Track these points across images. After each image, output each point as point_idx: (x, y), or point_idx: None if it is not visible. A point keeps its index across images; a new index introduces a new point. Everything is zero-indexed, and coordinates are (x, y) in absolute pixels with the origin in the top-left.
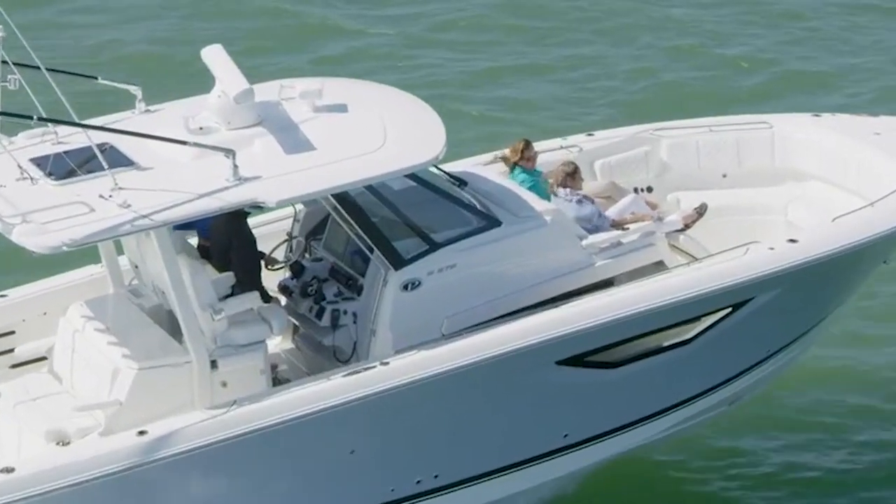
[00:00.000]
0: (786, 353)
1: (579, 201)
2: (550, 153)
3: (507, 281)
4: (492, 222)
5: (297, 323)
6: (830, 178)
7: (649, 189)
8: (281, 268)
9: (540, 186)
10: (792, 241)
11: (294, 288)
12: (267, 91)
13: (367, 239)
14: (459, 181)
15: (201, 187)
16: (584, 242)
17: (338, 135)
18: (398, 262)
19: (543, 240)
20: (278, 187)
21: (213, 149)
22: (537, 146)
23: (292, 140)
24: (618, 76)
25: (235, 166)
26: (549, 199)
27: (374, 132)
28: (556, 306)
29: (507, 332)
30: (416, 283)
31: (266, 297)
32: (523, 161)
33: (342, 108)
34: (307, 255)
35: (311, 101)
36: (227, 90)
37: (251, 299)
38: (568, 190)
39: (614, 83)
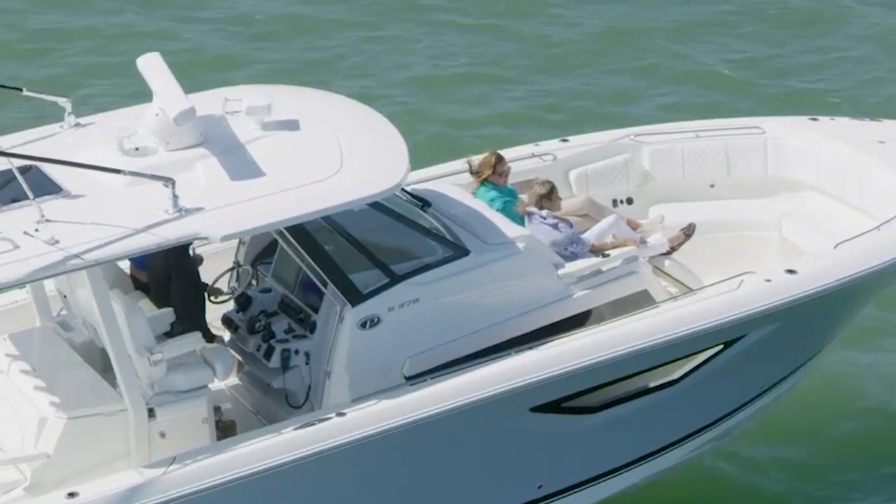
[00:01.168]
0: (781, 387)
1: (555, 224)
2: (521, 162)
3: (475, 316)
4: (459, 251)
5: (242, 361)
6: (829, 191)
7: (629, 201)
8: (226, 300)
9: (511, 206)
10: (790, 271)
11: (240, 323)
12: (209, 103)
13: (320, 271)
14: (422, 201)
15: (138, 220)
16: (560, 272)
17: (289, 157)
18: (355, 296)
19: (516, 270)
20: (223, 220)
21: (151, 178)
22: (506, 153)
23: (238, 164)
24: None
25: (175, 196)
26: (521, 220)
27: (329, 154)
28: (531, 345)
29: (477, 378)
30: (376, 320)
31: (209, 336)
32: (494, 176)
33: (293, 126)
34: (254, 283)
35: (258, 118)
36: (167, 108)
37: (193, 341)
38: (544, 211)
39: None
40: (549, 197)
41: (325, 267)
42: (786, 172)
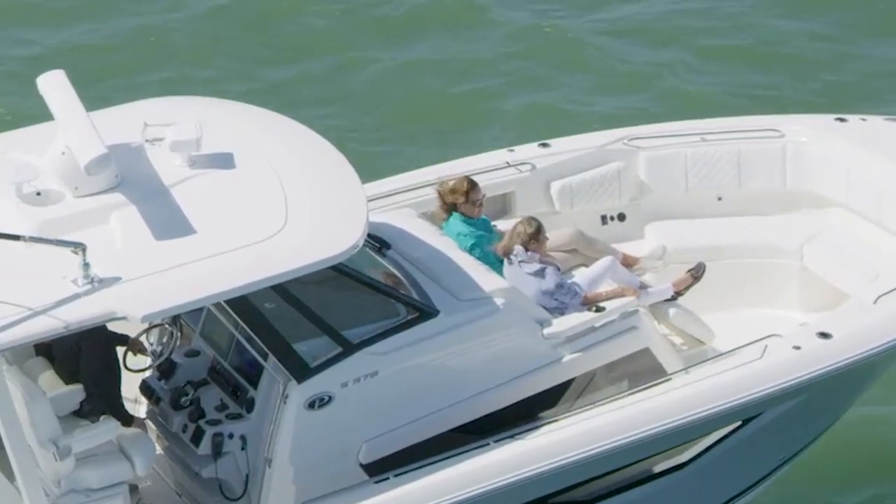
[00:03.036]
0: (803, 453)
1: (541, 270)
2: (492, 173)
3: (445, 390)
4: (425, 311)
5: (164, 437)
6: (861, 210)
7: (621, 217)
8: (146, 369)
9: (484, 243)
10: (823, 335)
11: (162, 394)
12: (124, 125)
13: (258, 341)
14: (379, 242)
15: (41, 294)
16: (545, 331)
17: (223, 208)
18: (301, 371)
19: (493, 332)
20: (146, 294)
21: (57, 244)
22: (473, 162)
23: (162, 216)
24: None
25: (86, 264)
26: (497, 261)
27: (271, 202)
28: (513, 433)
29: (450, 476)
30: (326, 398)
31: (126, 417)
32: (466, 206)
33: (227, 163)
34: (179, 335)
35: (186, 154)
36: (75, 150)
37: (107, 430)
38: (529, 254)
39: None
40: (535, 238)
41: (265, 336)
42: (808, 186)
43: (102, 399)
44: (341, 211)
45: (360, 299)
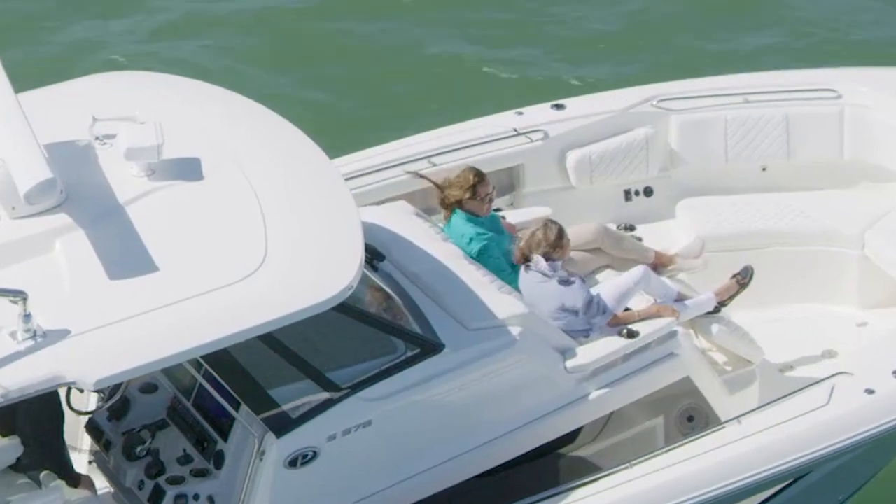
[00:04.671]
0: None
1: (565, 282)
2: (497, 143)
3: (450, 440)
4: (428, 346)
5: (111, 485)
6: None
7: (648, 192)
8: (95, 411)
9: (496, 246)
10: None
11: (113, 437)
12: (65, 115)
13: (228, 388)
14: (371, 253)
15: None
16: (569, 363)
17: (189, 235)
18: (281, 423)
19: (508, 369)
20: (98, 352)
21: None
22: (474, 128)
23: (117, 247)
24: None
25: (27, 316)
26: (509, 269)
27: (248, 228)
28: (534, 499)
29: None
30: (310, 454)
31: (72, 477)
32: (473, 203)
33: (194, 173)
34: None
35: (145, 163)
36: (13, 169)
37: (51, 501)
38: (550, 264)
39: None
40: (559, 244)
41: (235, 381)
42: (870, 157)
43: (43, 453)
44: (331, 236)
45: (350, 333)
